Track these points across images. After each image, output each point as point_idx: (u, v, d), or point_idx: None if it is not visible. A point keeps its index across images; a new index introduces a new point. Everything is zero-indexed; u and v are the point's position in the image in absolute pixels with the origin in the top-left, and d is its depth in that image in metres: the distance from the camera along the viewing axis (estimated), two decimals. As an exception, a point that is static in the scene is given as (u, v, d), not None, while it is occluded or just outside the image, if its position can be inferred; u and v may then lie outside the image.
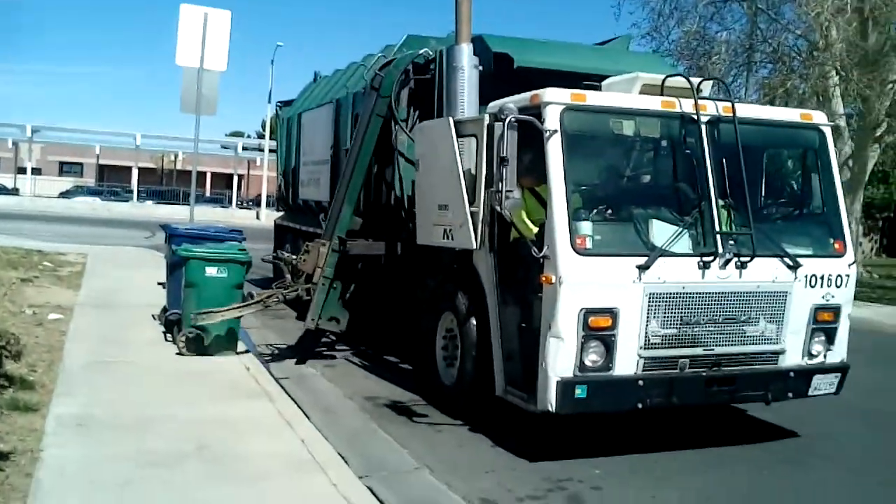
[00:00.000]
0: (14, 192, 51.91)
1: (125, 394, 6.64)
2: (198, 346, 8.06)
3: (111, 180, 61.71)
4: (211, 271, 8.24)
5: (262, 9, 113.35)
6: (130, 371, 7.45)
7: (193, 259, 8.24)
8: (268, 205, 44.62)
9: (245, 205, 56.23)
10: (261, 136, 60.84)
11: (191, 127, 11.63)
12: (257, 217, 45.56)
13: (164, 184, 62.99)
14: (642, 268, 5.73)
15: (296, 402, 6.74)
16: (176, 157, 64.85)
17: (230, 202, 55.92)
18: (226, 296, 8.21)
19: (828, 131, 6.77)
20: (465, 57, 7.36)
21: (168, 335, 8.83)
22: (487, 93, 7.19)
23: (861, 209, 22.71)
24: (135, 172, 53.86)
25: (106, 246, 20.27)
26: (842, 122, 20.97)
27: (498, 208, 5.88)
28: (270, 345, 9.48)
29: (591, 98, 6.05)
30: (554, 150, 5.75)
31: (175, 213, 37.00)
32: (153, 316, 9.82)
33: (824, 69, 18.80)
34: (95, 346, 8.28)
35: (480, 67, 7.47)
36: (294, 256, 8.98)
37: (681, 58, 22.06)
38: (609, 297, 5.69)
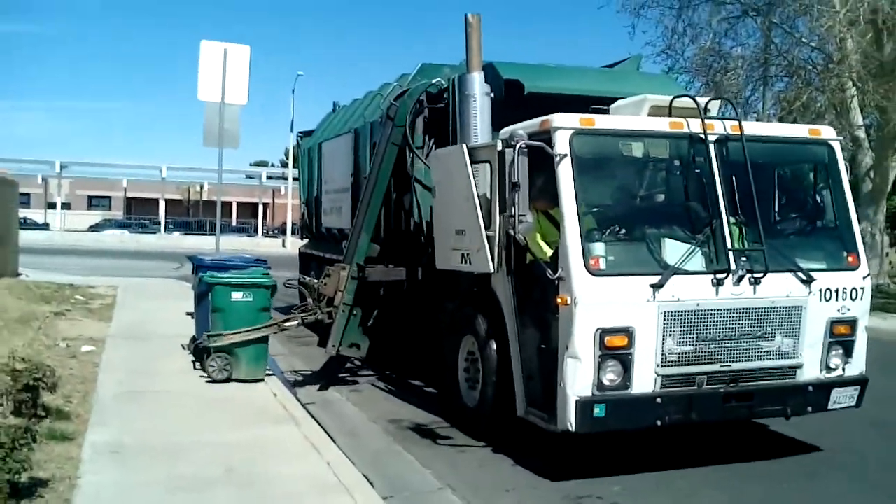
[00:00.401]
0: (45, 227, 52.75)
1: (156, 422, 6.83)
2: (227, 371, 8.25)
3: (139, 213, 62.58)
4: (237, 296, 8.45)
5: (283, 38, 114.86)
6: (161, 400, 7.65)
7: (219, 285, 8.46)
8: (293, 232, 45.01)
9: (271, 233, 56.76)
10: (284, 165, 61.46)
11: (215, 157, 11.97)
12: (283, 245, 45.95)
13: (191, 215, 63.79)
14: (656, 286, 5.84)
15: (322, 426, 6.91)
16: (202, 187, 65.65)
17: (256, 231, 56.48)
18: (252, 319, 8.42)
19: (837, 145, 6.86)
20: (477, 85, 7.53)
21: (197, 363, 9.03)
22: (500, 119, 7.35)
23: (885, 219, 22.55)
24: (162, 204, 54.66)
25: (135, 278, 20.64)
26: (861, 134, 20.97)
27: (512, 232, 6.03)
28: (296, 371, 9.67)
29: (600, 122, 6.20)
30: (565, 174, 5.90)
31: (202, 244, 37.44)
32: (182, 346, 10.03)
33: (840, 81, 18.83)
34: (127, 376, 8.50)
35: (492, 94, 7.64)
36: (316, 281, 9.15)
37: (696, 74, 22.23)
38: (624, 317, 5.80)
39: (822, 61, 19.91)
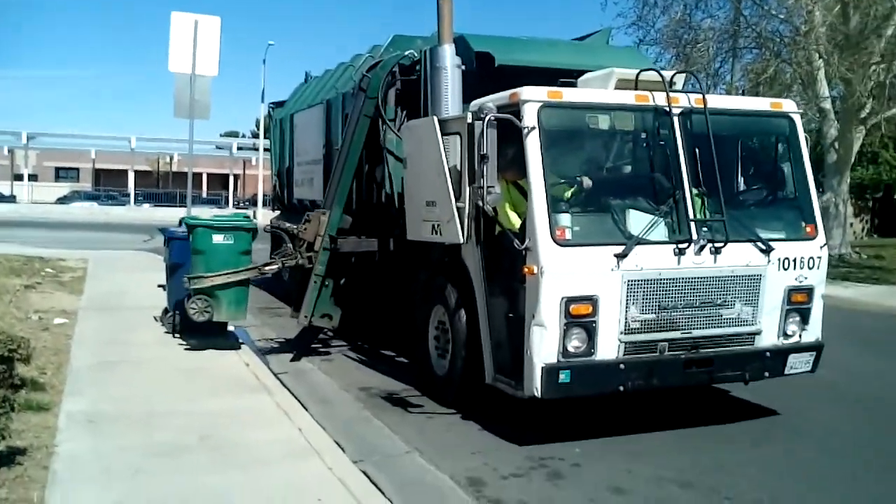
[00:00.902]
0: (11, 199, 52.16)
1: (131, 391, 6.94)
2: (208, 314, 8.34)
3: (108, 184, 61.92)
4: (218, 239, 8.51)
5: (254, 8, 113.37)
6: (135, 370, 7.73)
7: (200, 227, 8.52)
8: (264, 204, 44.84)
9: (241, 204, 56.47)
10: (255, 136, 61.09)
11: (185, 128, 11.93)
12: (254, 216, 45.70)
13: (161, 186, 63.21)
14: (620, 256, 6.00)
15: (294, 395, 7.06)
16: (171, 159, 65.11)
17: (227, 202, 56.16)
18: (233, 262, 8.48)
19: (797, 118, 7.05)
20: (448, 57, 7.61)
21: (170, 334, 9.12)
22: (472, 91, 7.45)
23: (848, 190, 22.97)
24: (131, 176, 54.20)
25: (105, 251, 20.54)
26: (827, 105, 21.29)
27: (480, 203, 6.16)
28: (269, 341, 9.77)
29: (568, 95, 6.31)
30: (532, 146, 6.02)
31: (172, 216, 37.03)
32: (154, 317, 10.10)
33: (807, 53, 19.07)
34: (100, 348, 8.57)
35: (463, 67, 7.72)
36: (296, 227, 9.24)
37: (667, 46, 22.40)
38: (589, 286, 5.95)
39: (790, 34, 20.14)
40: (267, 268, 8.78)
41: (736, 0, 21.51)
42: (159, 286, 11.92)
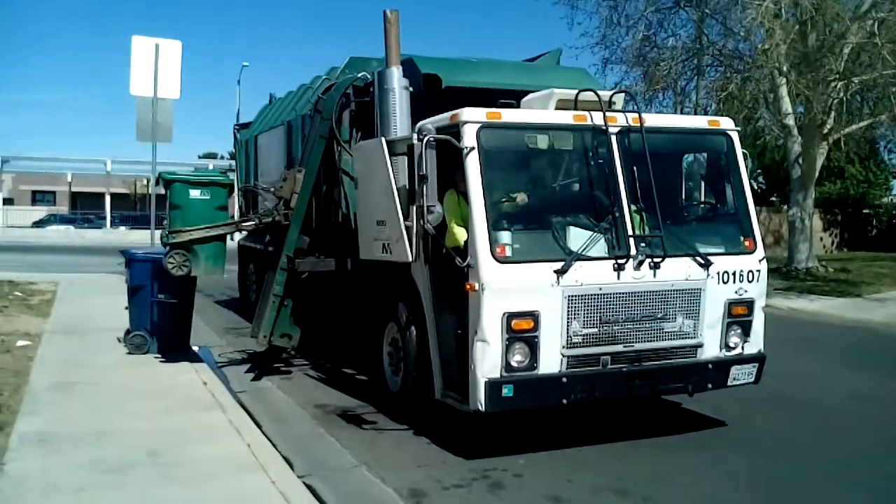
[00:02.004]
0: (-14, 223, 51.75)
1: (86, 411, 7.01)
2: (186, 268, 8.48)
3: (84, 207, 61.56)
4: (195, 194, 8.59)
5: (230, 31, 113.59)
6: (93, 391, 7.80)
7: (177, 182, 8.61)
8: (241, 225, 44.60)
9: (220, 225, 56.17)
10: (233, 157, 61.00)
11: (162, 151, 12.02)
12: (231, 238, 45.68)
13: (138, 209, 62.94)
14: (560, 272, 6.16)
15: (248, 412, 7.16)
16: (148, 181, 64.75)
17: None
18: (210, 217, 8.57)
19: (735, 135, 7.25)
20: (395, 79, 7.79)
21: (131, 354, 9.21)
22: (422, 111, 7.61)
23: (814, 204, 23.33)
24: (107, 199, 53.90)
25: (78, 273, 20.48)
26: (790, 122, 21.69)
27: (421, 222, 6.33)
28: (229, 360, 9.86)
29: (507, 115, 6.49)
30: (472, 166, 6.19)
31: (149, 238, 37.09)
32: (118, 339, 10.16)
33: (769, 70, 19.44)
34: (61, 369, 8.63)
35: (411, 88, 7.90)
36: (272, 187, 9.37)
37: (633, 65, 22.72)
38: (530, 301, 6.11)
39: (750, 52, 20.54)
40: (245, 224, 8.89)
41: (699, 19, 21.92)
42: (126, 308, 11.99)
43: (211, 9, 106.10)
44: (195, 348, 9.95)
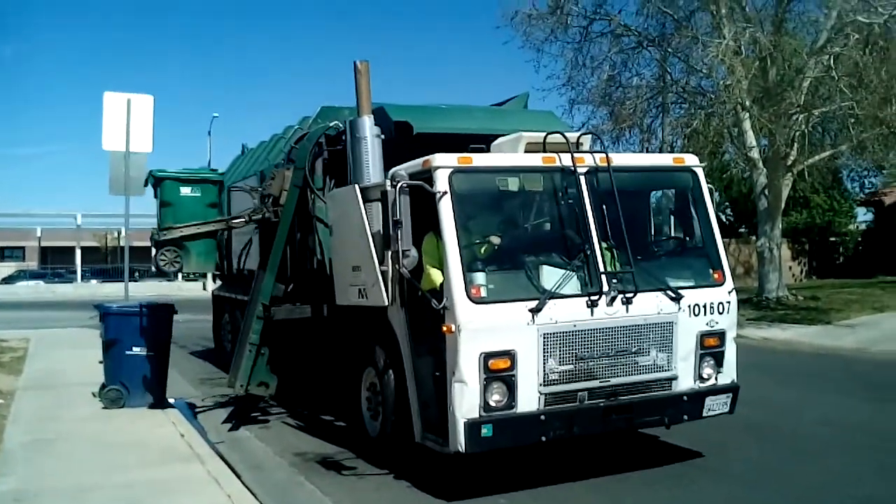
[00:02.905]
0: (-46, 281, 51.10)
1: (62, 467, 6.96)
2: (178, 263, 8.60)
3: (55, 262, 61.04)
4: (185, 191, 8.55)
5: (201, 80, 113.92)
6: (69, 446, 7.74)
7: (168, 179, 8.56)
8: (213, 275, 44.48)
9: (191, 276, 55.91)
10: (204, 207, 60.80)
11: (133, 202, 11.95)
12: (203, 288, 45.42)
13: (109, 262, 62.47)
14: (535, 310, 6.25)
15: (227, 463, 7.13)
16: (119, 234, 64.45)
17: (176, 275, 55.62)
18: (201, 214, 8.55)
19: (700, 171, 7.43)
20: (367, 128, 7.92)
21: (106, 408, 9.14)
22: (394, 157, 7.72)
23: (781, 234, 23.72)
24: (78, 252, 53.56)
25: (49, 329, 20.32)
26: (755, 155, 22.14)
27: (397, 266, 6.41)
28: (206, 410, 9.81)
29: (477, 160, 6.63)
30: (445, 210, 6.30)
31: (120, 291, 36.74)
32: (93, 393, 10.08)
33: (733, 106, 19.90)
34: (35, 425, 8.56)
35: (382, 136, 8.03)
36: (260, 187, 9.50)
37: (599, 105, 23.13)
38: (506, 341, 6.18)
39: (712, 88, 21.01)
40: (235, 220, 8.87)
41: (661, 58, 22.43)
42: (100, 362, 11.90)
43: (180, 60, 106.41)
44: (171, 400, 9.89)
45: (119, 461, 7.14)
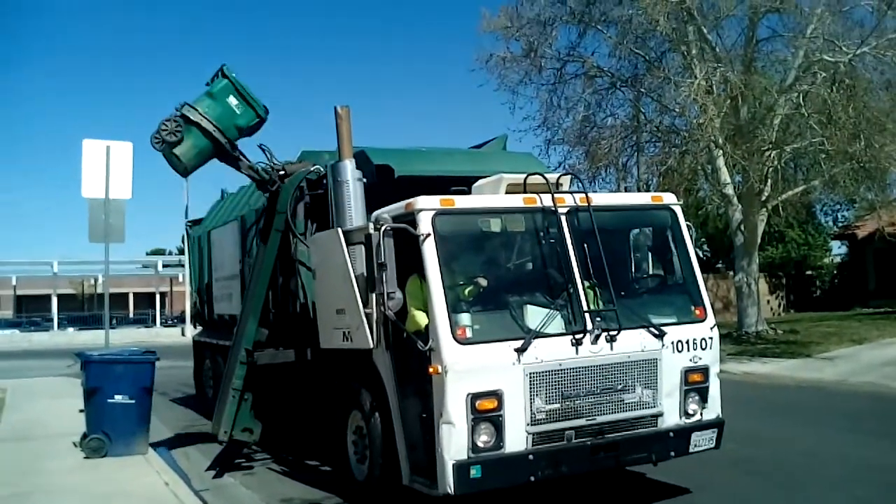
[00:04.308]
0: (-72, 333, 50.29)
1: (45, 523, 6.84)
2: None
3: (30, 310, 60.35)
4: None
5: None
6: (50, 499, 7.61)
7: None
8: (192, 321, 44.17)
9: (170, 322, 55.52)
10: (181, 252, 60.48)
11: (111, 248, 11.95)
12: (182, 334, 45.05)
13: (86, 309, 61.87)
14: (520, 350, 6.28)
15: (213, 511, 7.04)
16: (96, 280, 63.90)
17: (154, 321, 55.25)
18: None
19: (678, 209, 7.55)
20: (349, 171, 7.99)
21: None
22: (377, 200, 7.79)
23: (758, 269, 23.97)
24: (54, 300, 52.99)
25: (26, 378, 20.02)
26: (729, 191, 22.45)
27: (382, 309, 6.44)
28: (190, 459, 9.71)
29: (460, 202, 6.71)
30: (429, 252, 6.35)
31: (97, 338, 36.33)
32: (74, 443, 9.94)
33: (706, 143, 20.23)
34: (14, 478, 8.40)
35: (364, 179, 8.10)
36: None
37: (575, 145, 23.42)
38: (493, 381, 6.20)
39: (686, 127, 21.35)
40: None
41: (634, 98, 22.79)
42: (80, 411, 11.75)
43: (155, 104, 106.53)
44: (153, 449, 9.77)
45: (103, 513, 7.04)
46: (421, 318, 6.67)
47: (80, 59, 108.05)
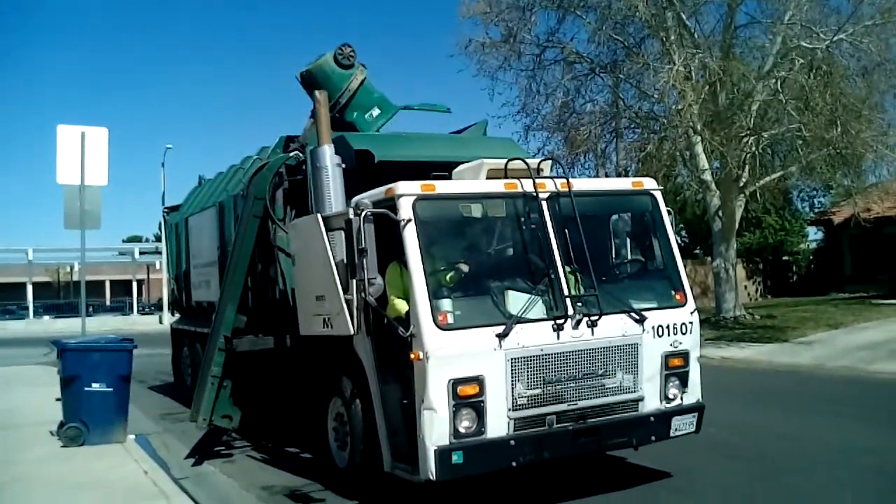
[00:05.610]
0: None
1: (20, 512, 6.76)
2: None
3: (5, 298, 59.68)
4: None
5: (153, 111, 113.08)
6: (26, 489, 7.51)
7: None
8: (169, 308, 43.92)
9: (147, 310, 55.18)
10: (158, 239, 60.11)
11: (87, 236, 11.82)
12: (160, 321, 44.77)
13: (62, 297, 61.32)
14: (502, 336, 6.27)
15: (193, 499, 6.99)
16: (72, 268, 63.31)
17: (131, 309, 54.88)
18: None
19: (658, 195, 7.55)
20: (328, 157, 7.90)
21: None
22: (357, 186, 7.71)
23: (736, 255, 24.12)
24: (29, 288, 52.49)
25: (2, 367, 19.82)
26: (707, 177, 22.54)
27: (362, 295, 6.39)
28: (169, 447, 9.64)
29: (441, 187, 6.66)
30: (410, 238, 6.31)
31: (73, 326, 36.04)
32: (51, 432, 9.83)
33: (681, 130, 20.30)
34: (-9, 469, 8.31)
35: (343, 165, 8.03)
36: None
37: (554, 131, 23.41)
38: (474, 366, 6.18)
39: (664, 113, 21.40)
40: None
41: (613, 84, 22.81)
42: (57, 399, 11.62)
43: (132, 90, 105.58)
44: (132, 437, 9.69)
45: (81, 502, 6.96)
46: (400, 306, 6.64)
47: (55, 43, 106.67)
